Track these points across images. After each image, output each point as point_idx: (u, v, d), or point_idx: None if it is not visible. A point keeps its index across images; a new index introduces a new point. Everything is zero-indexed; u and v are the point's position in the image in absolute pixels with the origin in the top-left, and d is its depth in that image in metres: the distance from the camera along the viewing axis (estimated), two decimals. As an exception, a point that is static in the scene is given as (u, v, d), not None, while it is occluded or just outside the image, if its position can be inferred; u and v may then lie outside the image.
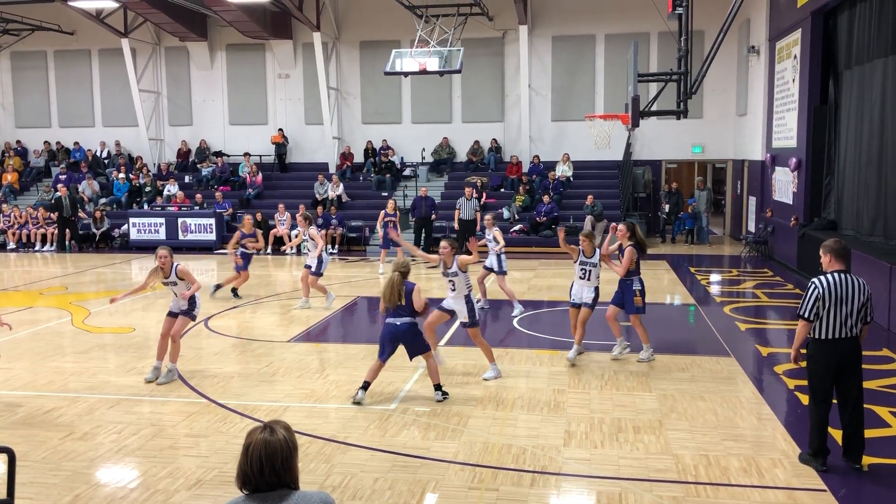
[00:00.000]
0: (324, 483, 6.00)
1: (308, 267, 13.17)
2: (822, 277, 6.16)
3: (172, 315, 8.93)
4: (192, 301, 8.85)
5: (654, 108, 14.78)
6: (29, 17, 24.34)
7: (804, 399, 7.44)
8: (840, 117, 15.95)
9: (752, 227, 21.00)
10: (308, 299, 13.26)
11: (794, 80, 17.50)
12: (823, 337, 6.13)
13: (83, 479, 6.18)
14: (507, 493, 5.86)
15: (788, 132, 17.95)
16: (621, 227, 9.65)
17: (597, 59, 23.79)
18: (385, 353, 7.97)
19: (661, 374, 8.96)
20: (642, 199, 23.48)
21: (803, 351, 6.36)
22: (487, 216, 13.61)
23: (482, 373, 8.94)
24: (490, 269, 12.78)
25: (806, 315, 6.14)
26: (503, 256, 12.80)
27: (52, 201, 22.35)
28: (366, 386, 7.99)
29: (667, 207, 22.70)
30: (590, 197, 21.10)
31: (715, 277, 16.62)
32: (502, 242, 12.81)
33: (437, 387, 8.07)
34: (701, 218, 22.15)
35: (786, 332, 11.40)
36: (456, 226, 18.91)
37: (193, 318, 9.00)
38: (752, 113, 21.32)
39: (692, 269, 17.37)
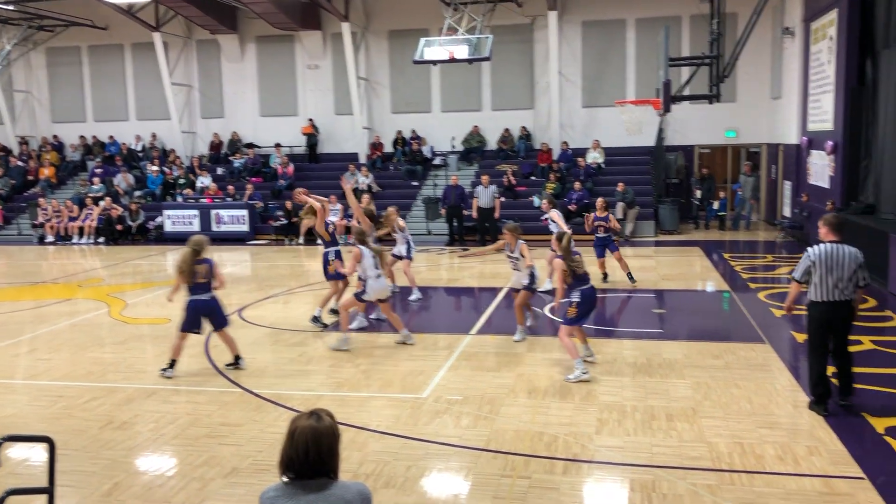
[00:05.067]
0: (357, 471, 6.05)
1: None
2: (815, 247, 7.11)
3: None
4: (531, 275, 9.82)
5: (686, 92, 14.65)
6: (63, 13, 24.70)
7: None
8: (878, 98, 15.59)
9: (787, 212, 20.66)
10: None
11: (829, 62, 17.13)
12: (818, 299, 7.06)
13: (122, 468, 6.30)
14: (540, 480, 5.86)
15: (824, 115, 17.60)
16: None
17: (627, 43, 23.51)
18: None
19: (694, 361, 8.87)
20: (675, 185, 23.21)
21: (799, 309, 7.33)
22: (545, 199, 13.49)
23: (514, 360, 8.95)
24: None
25: (797, 277, 7.17)
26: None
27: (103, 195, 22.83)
28: None
29: (699, 193, 22.39)
30: (621, 184, 20.89)
31: (749, 263, 16.38)
32: (561, 223, 12.11)
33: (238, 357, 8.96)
34: (744, 205, 21.64)
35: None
36: (474, 214, 18.76)
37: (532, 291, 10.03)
38: (786, 96, 20.94)
39: (726, 256, 17.15)
